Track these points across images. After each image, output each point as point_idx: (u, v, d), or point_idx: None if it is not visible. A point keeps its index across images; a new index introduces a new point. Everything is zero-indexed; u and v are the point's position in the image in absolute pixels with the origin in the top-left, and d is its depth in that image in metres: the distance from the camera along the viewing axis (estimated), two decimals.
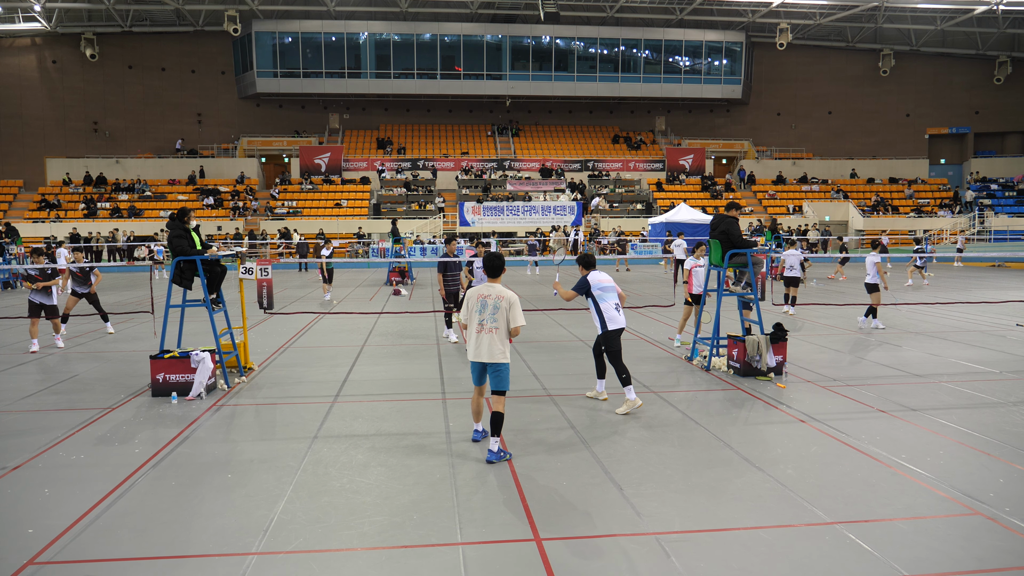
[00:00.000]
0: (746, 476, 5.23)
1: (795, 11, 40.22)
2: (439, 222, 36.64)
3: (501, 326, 5.50)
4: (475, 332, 5.54)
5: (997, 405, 7.14)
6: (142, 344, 11.00)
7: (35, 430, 6.51)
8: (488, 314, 5.49)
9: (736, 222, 8.76)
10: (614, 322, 6.96)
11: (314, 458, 5.68)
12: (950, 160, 46.65)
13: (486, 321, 5.49)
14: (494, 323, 5.48)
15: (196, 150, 41.70)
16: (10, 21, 38.33)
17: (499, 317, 5.49)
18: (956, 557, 3.99)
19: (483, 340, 5.51)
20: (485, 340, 5.50)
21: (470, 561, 3.98)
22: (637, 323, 12.82)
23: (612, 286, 7.09)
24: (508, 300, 5.53)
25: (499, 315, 5.49)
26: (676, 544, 4.16)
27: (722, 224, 8.75)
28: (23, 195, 38.50)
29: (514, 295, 5.61)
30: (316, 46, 40.27)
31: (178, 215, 8.32)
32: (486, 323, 5.49)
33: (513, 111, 45.61)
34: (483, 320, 5.50)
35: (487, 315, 5.50)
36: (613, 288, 7.09)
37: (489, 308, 5.50)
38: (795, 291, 14.10)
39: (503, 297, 5.52)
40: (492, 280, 5.70)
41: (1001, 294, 17.27)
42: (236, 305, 10.71)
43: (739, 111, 46.18)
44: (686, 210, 31.87)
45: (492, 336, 5.49)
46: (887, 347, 10.45)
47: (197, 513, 4.64)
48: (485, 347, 5.50)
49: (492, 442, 5.51)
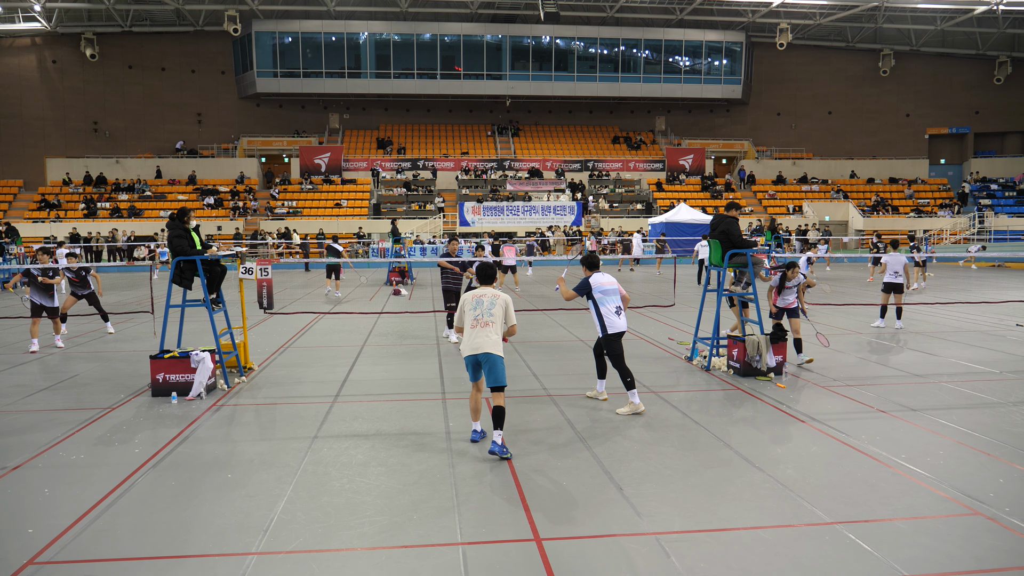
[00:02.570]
0: (746, 476, 5.23)
1: (795, 11, 40.21)
2: (439, 222, 36.64)
3: (497, 320, 5.64)
4: (469, 327, 5.65)
5: (997, 405, 7.14)
6: (142, 344, 11.00)
7: (35, 430, 6.51)
8: (484, 309, 5.63)
9: (736, 222, 8.76)
10: (614, 326, 6.89)
11: (314, 458, 5.68)
12: (950, 160, 46.63)
13: (482, 315, 5.62)
14: (490, 316, 5.62)
15: (196, 150, 41.71)
16: (10, 21, 38.33)
17: (495, 312, 5.64)
18: (956, 557, 3.99)
19: (477, 333, 5.60)
20: (480, 333, 5.60)
21: (470, 561, 3.98)
22: (637, 323, 12.82)
23: (615, 288, 7.00)
24: (504, 299, 5.72)
25: (495, 310, 5.64)
26: (676, 544, 4.16)
27: (722, 224, 8.75)
28: (23, 195, 38.50)
29: (508, 296, 5.75)
30: (316, 46, 40.27)
31: (178, 215, 8.32)
32: (482, 317, 5.62)
33: (513, 111, 45.61)
34: (479, 315, 5.62)
35: (483, 310, 5.63)
36: (615, 291, 7.00)
37: (485, 304, 5.65)
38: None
39: (498, 296, 5.72)
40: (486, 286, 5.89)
41: (1001, 294, 17.27)
42: (236, 305, 10.71)
43: (739, 111, 46.18)
44: (686, 210, 31.87)
45: (487, 329, 5.59)
46: (887, 347, 10.45)
47: (197, 513, 4.64)
48: (480, 339, 5.58)
49: (496, 435, 5.60)
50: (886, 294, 12.06)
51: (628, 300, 7.15)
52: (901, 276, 11.80)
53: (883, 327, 12.13)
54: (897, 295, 11.94)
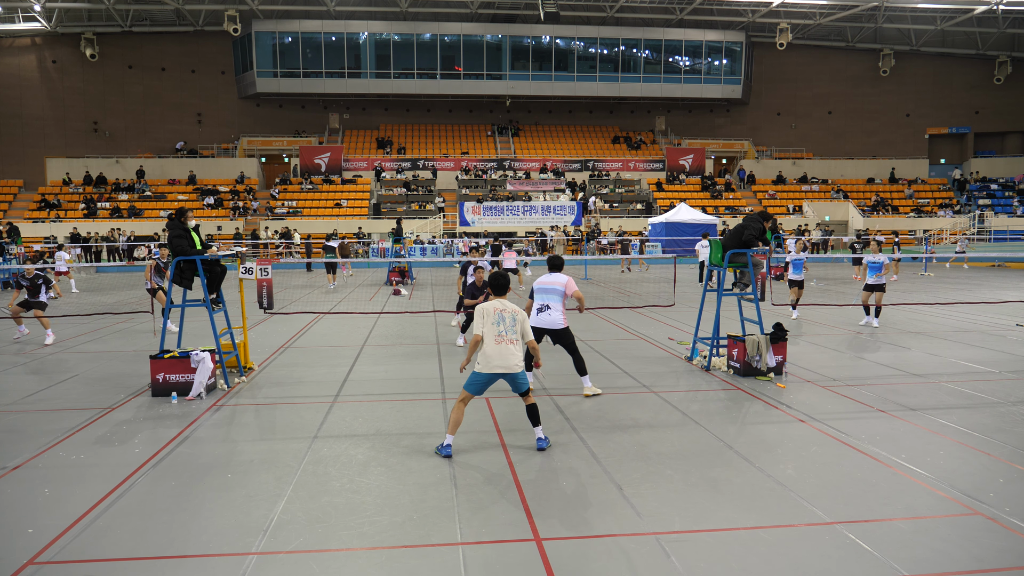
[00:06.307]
0: (746, 476, 5.23)
1: (795, 11, 40.22)
2: (439, 222, 36.64)
3: (518, 338, 5.77)
4: (494, 343, 5.66)
5: (997, 405, 7.14)
6: (142, 344, 11.00)
7: (35, 430, 6.51)
8: (507, 326, 5.70)
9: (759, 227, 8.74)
10: (536, 320, 7.45)
11: (314, 458, 5.68)
12: (950, 160, 46.63)
13: (506, 332, 5.68)
14: (514, 334, 5.72)
15: (196, 150, 41.71)
16: (10, 21, 38.33)
17: (516, 329, 5.75)
18: (956, 557, 3.99)
19: (503, 351, 5.65)
20: (506, 351, 5.65)
21: (470, 561, 3.98)
22: (637, 323, 12.82)
23: (554, 288, 7.44)
24: (522, 315, 5.82)
25: (516, 327, 5.75)
26: (676, 544, 4.16)
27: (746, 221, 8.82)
28: (23, 195, 38.51)
29: (524, 313, 5.86)
30: (316, 46, 40.27)
31: (177, 215, 8.31)
32: (506, 334, 5.68)
33: (513, 111, 45.61)
34: (502, 331, 5.68)
35: (506, 327, 5.69)
36: (554, 289, 7.44)
37: (507, 321, 5.72)
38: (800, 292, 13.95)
39: (517, 312, 5.80)
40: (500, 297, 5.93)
41: (1001, 294, 17.26)
42: (236, 305, 10.70)
43: (739, 111, 46.18)
44: (686, 210, 31.85)
45: (513, 347, 5.68)
46: (887, 347, 10.45)
47: (197, 513, 4.64)
48: (508, 359, 5.63)
49: (538, 431, 5.87)
50: (867, 292, 12.44)
51: (581, 299, 7.51)
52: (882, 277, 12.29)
53: (870, 324, 12.32)
54: (878, 294, 12.30)
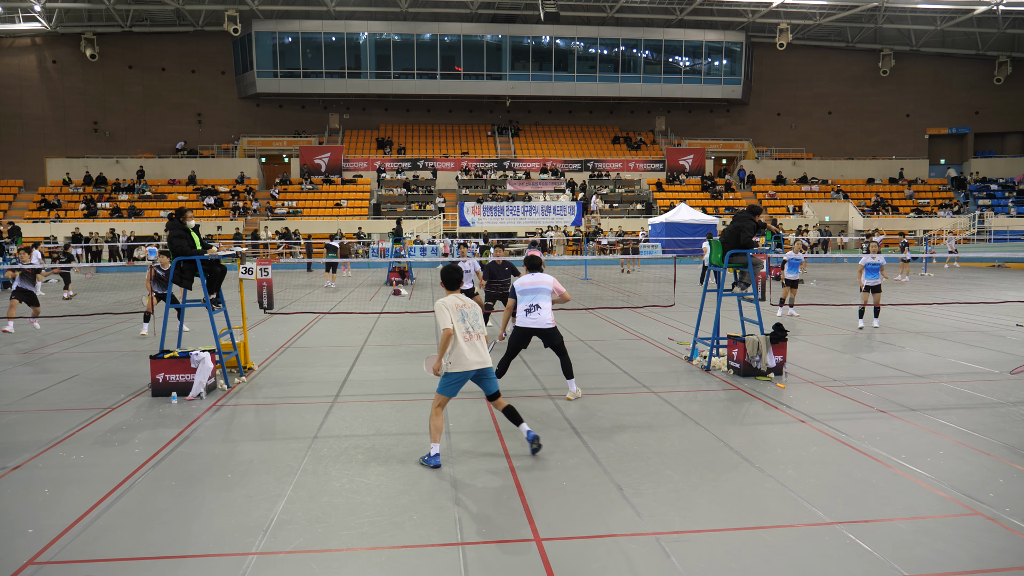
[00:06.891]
0: (746, 476, 5.23)
1: (795, 11, 40.21)
2: (439, 222, 36.64)
3: (484, 331, 5.69)
4: (463, 340, 5.47)
5: (997, 405, 7.14)
6: (142, 344, 11.00)
7: (35, 430, 6.51)
8: (472, 321, 5.59)
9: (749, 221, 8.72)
10: (520, 321, 7.38)
11: (314, 458, 5.68)
12: (950, 160, 46.62)
13: (472, 328, 5.57)
14: (480, 329, 5.63)
15: (196, 150, 41.70)
16: (10, 21, 38.32)
17: (480, 323, 5.66)
18: (956, 557, 3.99)
19: (474, 347, 5.54)
20: (479, 347, 5.57)
21: (470, 561, 3.98)
22: (637, 323, 12.82)
23: (543, 287, 7.33)
24: (478, 308, 5.73)
25: (479, 321, 5.65)
26: (676, 544, 4.16)
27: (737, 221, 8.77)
28: (23, 195, 38.50)
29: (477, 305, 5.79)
30: (316, 46, 40.27)
31: (177, 215, 8.31)
32: (473, 329, 5.56)
33: (513, 111, 45.60)
34: (469, 328, 5.55)
35: (471, 322, 5.58)
36: (543, 288, 7.34)
37: (471, 316, 5.61)
38: (794, 292, 14.08)
39: (474, 304, 5.71)
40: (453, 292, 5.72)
41: (1001, 294, 17.27)
42: (236, 305, 10.70)
43: (739, 111, 46.17)
44: (686, 210, 31.86)
45: (479, 342, 5.59)
46: (887, 347, 10.45)
47: (197, 513, 4.64)
48: (483, 353, 5.58)
49: (523, 427, 5.74)
50: (865, 293, 12.43)
51: (567, 298, 7.50)
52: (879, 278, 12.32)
53: (865, 326, 12.27)
54: (876, 295, 12.31)
